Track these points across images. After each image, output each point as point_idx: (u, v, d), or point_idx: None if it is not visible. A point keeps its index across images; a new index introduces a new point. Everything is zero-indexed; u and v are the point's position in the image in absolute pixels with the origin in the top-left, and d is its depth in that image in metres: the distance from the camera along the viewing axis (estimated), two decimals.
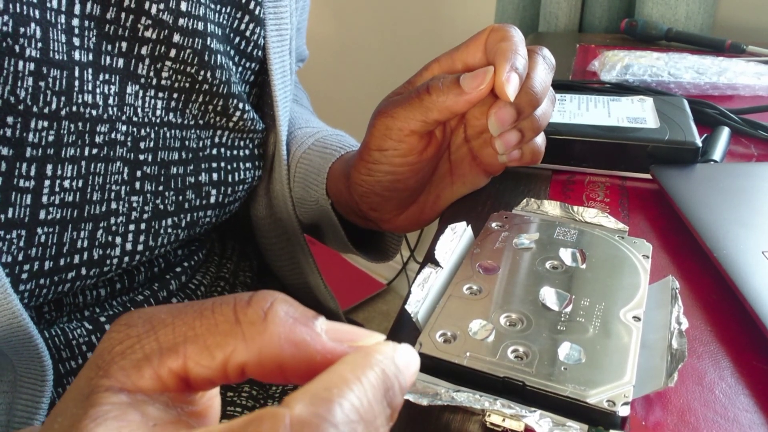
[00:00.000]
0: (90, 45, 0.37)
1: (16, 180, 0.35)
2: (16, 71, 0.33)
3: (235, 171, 0.48)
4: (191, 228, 0.47)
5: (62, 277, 0.39)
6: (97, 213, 0.40)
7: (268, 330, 0.17)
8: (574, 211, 0.38)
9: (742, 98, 0.64)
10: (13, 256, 0.36)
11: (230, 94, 0.45)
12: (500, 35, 0.39)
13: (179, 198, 0.45)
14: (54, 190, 0.37)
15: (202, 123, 0.45)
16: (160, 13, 0.39)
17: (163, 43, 0.40)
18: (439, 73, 0.41)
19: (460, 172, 0.44)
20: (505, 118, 0.37)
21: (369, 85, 1.55)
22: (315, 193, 0.51)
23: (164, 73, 0.41)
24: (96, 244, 0.40)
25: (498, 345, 0.27)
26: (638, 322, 0.28)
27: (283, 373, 0.18)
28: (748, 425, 0.25)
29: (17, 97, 0.34)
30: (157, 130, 0.42)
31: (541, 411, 0.24)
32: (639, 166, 0.46)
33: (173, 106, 0.43)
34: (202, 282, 0.52)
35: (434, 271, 0.31)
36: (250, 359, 0.17)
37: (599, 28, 1.03)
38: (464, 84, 0.37)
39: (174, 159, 0.44)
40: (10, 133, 0.34)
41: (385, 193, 0.43)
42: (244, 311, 0.18)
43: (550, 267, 0.32)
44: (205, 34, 0.41)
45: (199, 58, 0.41)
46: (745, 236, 0.35)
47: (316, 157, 0.52)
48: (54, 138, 0.36)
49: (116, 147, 0.40)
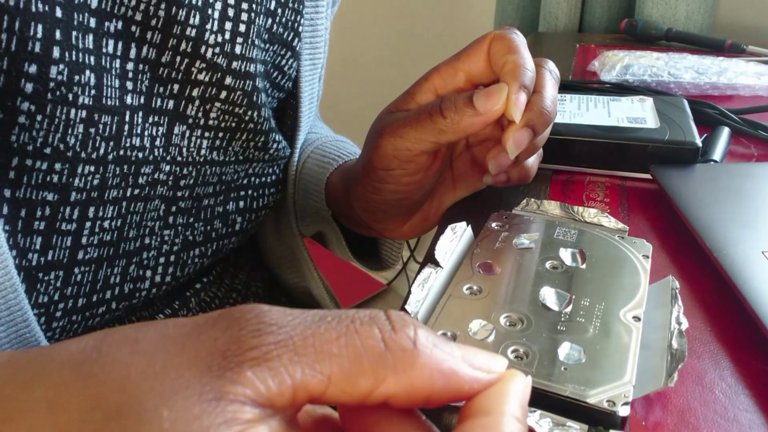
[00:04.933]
0: (142, 88, 0.36)
1: (59, 224, 0.34)
2: (68, 119, 0.32)
3: (260, 197, 0.48)
4: (215, 255, 0.46)
5: (93, 312, 0.38)
6: (131, 249, 0.39)
7: (420, 361, 0.17)
8: (574, 211, 0.38)
9: (742, 98, 0.64)
10: (49, 296, 0.35)
11: (270, 129, 0.44)
12: (505, 45, 0.37)
13: (207, 228, 0.44)
14: (94, 231, 0.36)
15: (242, 158, 0.44)
16: (215, 57, 0.37)
17: (214, 85, 0.39)
18: (439, 84, 0.39)
19: (461, 178, 0.44)
20: (522, 140, 0.36)
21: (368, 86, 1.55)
22: (315, 204, 0.51)
23: (212, 114, 0.40)
24: (128, 279, 0.40)
25: (498, 345, 0.27)
26: (638, 322, 0.28)
27: (429, 402, 0.17)
28: (748, 425, 0.25)
29: (66, 144, 0.33)
30: (198, 168, 0.41)
31: (541, 411, 0.24)
32: (639, 166, 0.46)
33: (217, 144, 0.42)
34: (216, 294, 0.52)
35: (434, 271, 0.31)
36: (400, 391, 0.17)
37: (599, 28, 1.03)
38: (478, 104, 0.36)
39: (208, 192, 0.43)
40: (56, 179, 0.33)
41: (389, 209, 0.43)
42: (392, 338, 0.17)
43: (550, 267, 0.32)
44: (255, 76, 0.40)
45: (248, 99, 0.40)
46: (745, 236, 0.35)
47: (314, 166, 0.52)
48: (99, 182, 0.35)
49: (157, 186, 0.39)
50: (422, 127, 0.37)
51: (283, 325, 0.17)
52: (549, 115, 0.37)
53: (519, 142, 0.36)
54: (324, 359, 0.16)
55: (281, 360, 0.16)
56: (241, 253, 0.59)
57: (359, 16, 1.49)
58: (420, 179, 0.40)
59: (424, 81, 0.40)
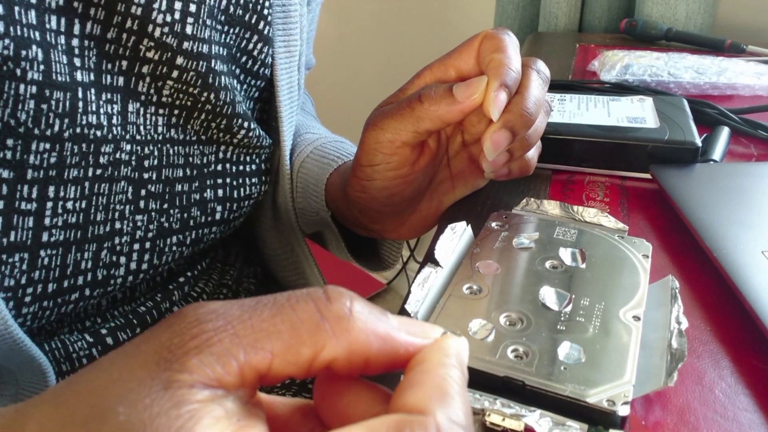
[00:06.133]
0: (91, 65, 0.36)
1: (18, 203, 0.35)
2: (17, 94, 0.33)
3: (240, 186, 0.48)
4: (196, 245, 0.46)
5: (65, 299, 0.38)
6: (101, 233, 0.39)
7: (356, 326, 0.18)
8: (573, 211, 0.38)
9: (742, 98, 0.65)
10: (15, 279, 0.35)
11: (234, 114, 0.44)
12: (493, 44, 0.37)
13: (184, 215, 0.44)
14: (57, 212, 0.36)
15: (204, 138, 0.44)
16: (164, 36, 0.38)
17: (165, 64, 0.39)
18: (431, 80, 0.40)
19: (460, 177, 0.44)
20: (499, 141, 0.36)
21: (369, 86, 1.55)
22: (315, 204, 0.51)
23: (165, 91, 0.40)
24: (100, 264, 0.39)
25: (498, 344, 0.27)
26: (638, 322, 0.28)
27: (368, 366, 0.19)
28: (748, 425, 0.25)
29: (17, 120, 0.33)
30: (160, 147, 0.41)
31: (540, 410, 0.24)
32: (639, 165, 0.46)
33: (174, 122, 0.42)
34: (204, 290, 0.52)
35: (434, 270, 0.31)
36: (340, 355, 0.18)
37: (599, 28, 1.03)
38: (457, 93, 0.36)
39: (178, 176, 0.43)
40: (10, 155, 0.34)
41: (382, 208, 0.43)
42: (327, 308, 0.18)
43: (550, 267, 0.32)
44: (209, 57, 0.40)
45: (202, 80, 0.40)
46: (745, 236, 0.35)
47: (314, 166, 0.52)
48: (56, 160, 0.35)
49: (120, 166, 0.39)
50: (402, 117, 0.37)
51: (222, 313, 0.18)
52: (529, 117, 0.36)
53: (497, 144, 0.36)
54: (264, 337, 0.17)
55: (223, 344, 0.17)
56: (231, 248, 0.58)
57: (359, 16, 1.49)
58: (406, 173, 0.40)
59: (416, 78, 0.41)
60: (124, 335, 0.44)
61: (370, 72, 1.54)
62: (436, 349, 0.20)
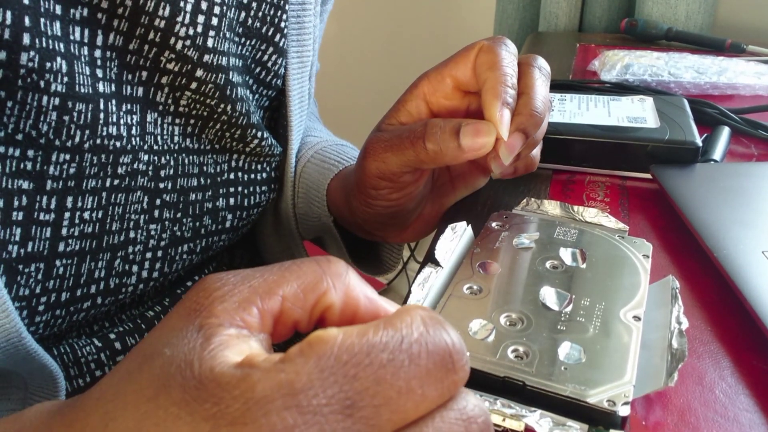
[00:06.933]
0: (112, 76, 0.36)
1: (36, 213, 0.34)
2: (40, 106, 0.32)
3: (251, 195, 0.48)
4: (205, 252, 0.46)
5: (78, 307, 0.38)
6: (115, 243, 0.39)
7: (350, 282, 0.21)
8: (574, 211, 0.38)
9: (742, 98, 0.64)
10: (30, 289, 0.35)
11: (249, 125, 0.44)
12: (489, 60, 0.37)
13: (196, 224, 0.44)
14: (74, 222, 0.36)
15: (218, 148, 0.44)
16: (186, 49, 0.38)
17: (184, 75, 0.39)
18: (428, 90, 0.39)
19: (460, 178, 0.44)
20: (514, 144, 0.36)
21: (369, 87, 1.55)
22: (317, 209, 0.51)
23: (182, 102, 0.40)
24: (113, 273, 0.39)
25: (498, 345, 0.27)
26: (638, 322, 0.28)
27: (354, 321, 0.21)
28: (748, 425, 0.25)
29: (39, 131, 0.33)
30: (176, 157, 0.41)
31: (541, 411, 0.24)
32: (639, 165, 0.46)
33: (189, 131, 0.42)
34: None
35: (434, 270, 0.31)
36: (336, 303, 0.20)
37: (599, 28, 1.03)
38: (464, 141, 0.35)
39: (193, 185, 0.43)
40: (30, 166, 0.33)
41: (386, 220, 0.43)
42: (328, 266, 0.21)
43: (550, 267, 0.32)
44: (228, 69, 0.40)
45: (220, 92, 0.41)
46: (745, 236, 0.35)
47: (314, 171, 0.52)
48: (75, 170, 0.35)
49: (137, 176, 0.39)
50: (403, 155, 0.37)
51: (237, 273, 0.21)
52: (540, 117, 0.36)
53: (512, 148, 0.36)
54: (276, 285, 0.20)
55: (242, 293, 0.20)
56: (236, 252, 0.59)
57: (360, 16, 1.49)
58: (411, 191, 0.41)
59: (413, 87, 0.40)
60: (132, 339, 0.44)
61: (371, 72, 1.54)
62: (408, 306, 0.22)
